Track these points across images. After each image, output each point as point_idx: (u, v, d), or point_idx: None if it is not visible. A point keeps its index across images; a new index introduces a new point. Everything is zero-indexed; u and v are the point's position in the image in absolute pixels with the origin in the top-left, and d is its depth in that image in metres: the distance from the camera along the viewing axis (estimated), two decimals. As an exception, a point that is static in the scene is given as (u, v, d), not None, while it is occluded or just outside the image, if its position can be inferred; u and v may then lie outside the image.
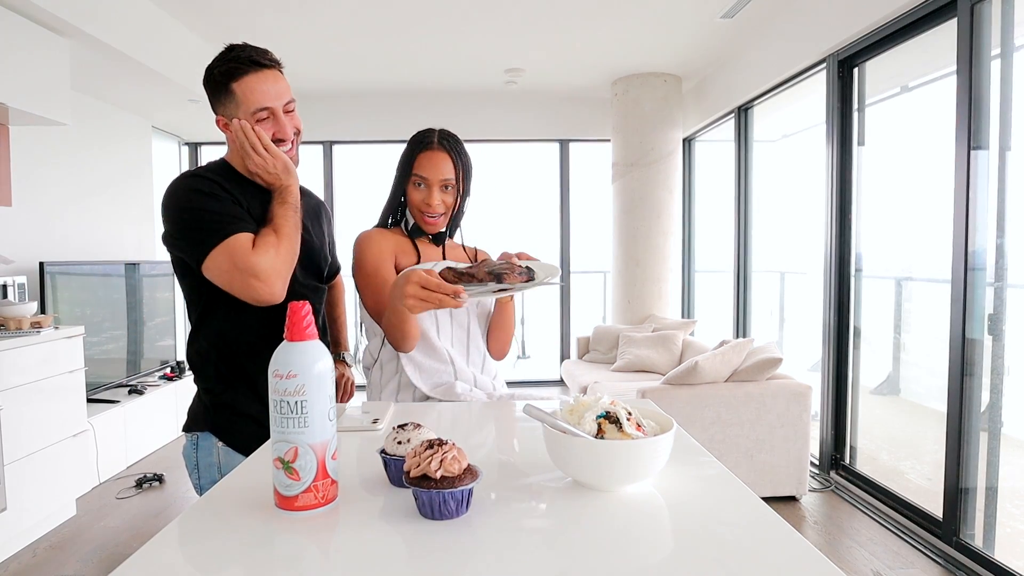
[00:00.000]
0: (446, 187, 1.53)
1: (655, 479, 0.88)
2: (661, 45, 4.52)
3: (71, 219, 4.13)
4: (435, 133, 1.55)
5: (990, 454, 2.60)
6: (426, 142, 1.53)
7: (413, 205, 1.56)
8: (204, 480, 1.38)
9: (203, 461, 1.37)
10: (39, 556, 2.82)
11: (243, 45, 1.37)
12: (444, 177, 1.52)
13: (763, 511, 0.77)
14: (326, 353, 0.79)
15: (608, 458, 0.82)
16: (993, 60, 2.53)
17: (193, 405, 1.44)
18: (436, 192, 1.52)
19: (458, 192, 1.56)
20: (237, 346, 1.39)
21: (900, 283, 3.41)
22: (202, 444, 1.38)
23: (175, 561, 0.69)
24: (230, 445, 1.36)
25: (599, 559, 0.66)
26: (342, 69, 4.98)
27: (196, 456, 1.38)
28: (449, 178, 1.52)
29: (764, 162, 4.67)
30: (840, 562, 2.64)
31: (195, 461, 1.38)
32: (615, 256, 5.44)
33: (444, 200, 1.54)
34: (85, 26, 3.00)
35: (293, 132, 1.41)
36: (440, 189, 1.53)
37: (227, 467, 1.35)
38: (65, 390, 3.11)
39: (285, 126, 1.39)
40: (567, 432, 0.84)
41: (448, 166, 1.52)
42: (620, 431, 0.85)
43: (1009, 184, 2.49)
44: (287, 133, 1.39)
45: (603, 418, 0.86)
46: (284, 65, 1.43)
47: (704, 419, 3.13)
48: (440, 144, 1.53)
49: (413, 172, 1.53)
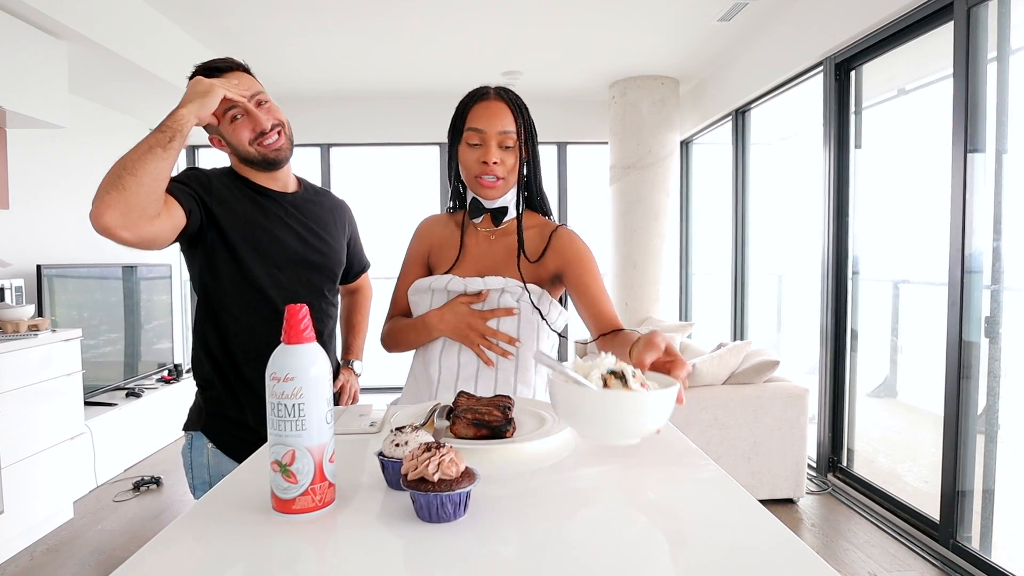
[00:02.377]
0: (506, 145, 1.29)
1: (655, 480, 0.88)
2: (659, 48, 4.53)
3: (68, 222, 4.12)
4: (490, 88, 1.34)
5: (987, 457, 2.60)
6: (480, 93, 1.32)
7: (468, 170, 1.32)
8: (196, 479, 1.41)
9: (196, 460, 1.41)
10: (36, 559, 2.81)
11: (216, 57, 1.41)
12: (503, 129, 1.29)
13: (760, 514, 0.77)
14: (323, 356, 0.79)
15: (616, 409, 0.83)
16: (989, 63, 2.54)
17: (192, 404, 1.47)
18: (494, 147, 1.28)
19: (521, 155, 1.32)
20: (228, 351, 1.40)
21: (897, 286, 3.41)
22: (195, 444, 1.41)
23: (172, 564, 0.69)
24: (219, 448, 1.39)
25: (597, 563, 0.66)
26: (339, 71, 4.98)
27: (191, 455, 1.41)
28: (509, 130, 1.29)
29: (761, 165, 4.68)
30: (837, 565, 2.64)
31: (189, 460, 1.42)
32: (612, 259, 5.45)
33: (503, 160, 1.30)
34: (82, 29, 3.00)
35: (273, 123, 1.41)
36: (499, 147, 1.29)
37: (215, 468, 1.38)
38: (62, 393, 3.10)
39: (260, 117, 1.38)
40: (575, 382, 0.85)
41: (508, 117, 1.29)
42: (626, 386, 0.85)
43: (1005, 187, 2.50)
44: (263, 123, 1.39)
45: (610, 373, 0.87)
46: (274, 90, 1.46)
47: (701, 421, 3.13)
48: (498, 95, 1.31)
49: (466, 126, 1.30)
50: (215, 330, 1.41)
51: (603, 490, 0.88)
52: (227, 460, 1.39)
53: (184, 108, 1.23)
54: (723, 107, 4.80)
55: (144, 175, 1.16)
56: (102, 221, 1.15)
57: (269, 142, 1.40)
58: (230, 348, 1.41)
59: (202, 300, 1.43)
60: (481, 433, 1.02)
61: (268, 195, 1.45)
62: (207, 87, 1.27)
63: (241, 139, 1.39)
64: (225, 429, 1.40)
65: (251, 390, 1.40)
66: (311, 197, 1.55)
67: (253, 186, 1.44)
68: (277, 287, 1.41)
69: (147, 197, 1.18)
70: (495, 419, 1.03)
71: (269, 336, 1.37)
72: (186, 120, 1.22)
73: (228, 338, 1.41)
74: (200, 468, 1.40)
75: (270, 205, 1.44)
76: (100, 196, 1.15)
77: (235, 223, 1.38)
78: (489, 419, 1.03)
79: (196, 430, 1.42)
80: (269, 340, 1.41)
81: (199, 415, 1.43)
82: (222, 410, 1.41)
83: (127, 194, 1.15)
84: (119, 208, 1.15)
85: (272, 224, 1.42)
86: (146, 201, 1.18)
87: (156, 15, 3.68)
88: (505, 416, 1.04)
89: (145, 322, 4.46)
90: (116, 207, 1.14)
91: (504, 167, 1.30)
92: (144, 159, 1.16)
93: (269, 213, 1.43)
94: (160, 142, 1.18)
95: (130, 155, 1.17)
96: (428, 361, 1.37)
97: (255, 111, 1.37)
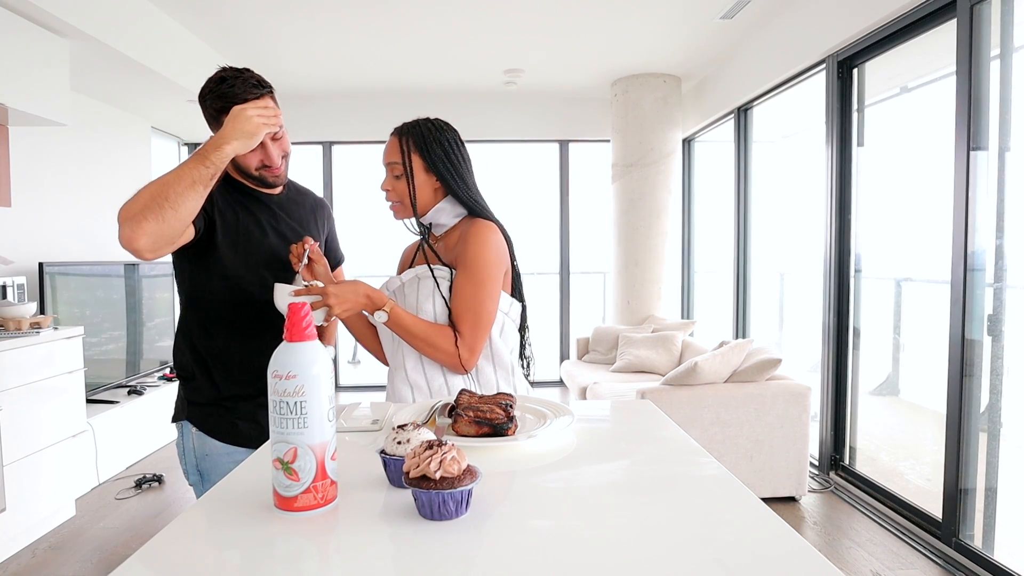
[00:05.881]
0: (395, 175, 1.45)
1: (657, 478, 0.88)
2: (661, 45, 4.52)
3: (70, 220, 4.13)
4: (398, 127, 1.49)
5: (989, 455, 2.60)
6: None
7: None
8: (187, 464, 1.52)
9: (185, 446, 1.51)
10: (38, 557, 2.81)
11: (235, 75, 1.39)
12: (389, 160, 1.45)
13: (762, 512, 0.77)
14: (325, 354, 0.79)
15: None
16: (992, 61, 2.53)
17: (176, 397, 1.58)
18: (386, 177, 1.47)
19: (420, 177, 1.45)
20: (199, 340, 1.50)
21: (899, 284, 3.41)
22: (184, 432, 1.52)
23: (174, 562, 0.69)
24: (202, 430, 1.49)
25: (598, 560, 0.66)
26: (341, 69, 4.98)
27: (182, 443, 1.52)
28: (395, 161, 1.44)
29: (764, 163, 4.67)
30: (839, 563, 2.64)
31: (182, 448, 1.53)
32: (615, 257, 5.44)
33: (394, 187, 1.45)
34: (84, 26, 3.00)
35: (280, 156, 1.47)
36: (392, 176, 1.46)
37: (201, 450, 1.49)
38: (64, 391, 3.10)
39: (272, 154, 1.44)
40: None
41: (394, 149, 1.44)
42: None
43: (1008, 185, 2.49)
44: (274, 160, 1.45)
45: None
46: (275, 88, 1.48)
47: (703, 420, 3.13)
48: (394, 131, 1.47)
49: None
50: (200, 327, 1.50)
51: (605, 488, 0.88)
52: (211, 441, 1.49)
53: (229, 146, 1.25)
54: (725, 105, 4.79)
55: (184, 209, 1.22)
56: (135, 245, 1.19)
57: (275, 172, 1.47)
58: (214, 343, 1.49)
59: (188, 297, 1.52)
60: (483, 431, 1.02)
61: (257, 198, 1.52)
62: (253, 128, 1.28)
63: (249, 163, 1.45)
64: (206, 413, 1.50)
65: (234, 383, 1.50)
66: (294, 196, 1.62)
67: (244, 189, 1.52)
68: (262, 286, 1.48)
69: (181, 227, 1.24)
70: (497, 417, 1.03)
71: (252, 332, 1.48)
72: (229, 157, 1.26)
73: (213, 334, 1.49)
74: (189, 452, 1.50)
75: (258, 209, 1.52)
76: (136, 220, 1.18)
77: (227, 229, 1.46)
78: (491, 417, 1.03)
79: (182, 419, 1.52)
80: (252, 336, 1.47)
81: (183, 405, 1.52)
82: (202, 398, 1.50)
83: (165, 226, 1.20)
84: (154, 235, 1.20)
85: (259, 228, 1.50)
86: (179, 230, 1.25)
87: (158, 12, 3.67)
88: (507, 414, 1.04)
89: (147, 320, 4.47)
90: (151, 235, 1.20)
91: (395, 193, 1.45)
92: (187, 194, 1.21)
93: (257, 217, 1.51)
94: (203, 179, 1.22)
95: (173, 186, 1.20)
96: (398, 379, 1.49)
97: (269, 146, 1.43)
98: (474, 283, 1.39)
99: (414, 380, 1.44)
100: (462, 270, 1.41)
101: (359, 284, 1.37)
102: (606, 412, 1.38)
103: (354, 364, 7.00)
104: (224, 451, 1.48)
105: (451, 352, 1.39)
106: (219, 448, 1.48)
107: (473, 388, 1.45)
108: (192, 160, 1.23)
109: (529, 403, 1.21)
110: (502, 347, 1.48)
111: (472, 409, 1.05)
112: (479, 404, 1.08)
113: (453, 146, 1.46)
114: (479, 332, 1.40)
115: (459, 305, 1.39)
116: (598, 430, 1.19)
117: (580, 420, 1.19)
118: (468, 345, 1.39)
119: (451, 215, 1.49)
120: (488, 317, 1.41)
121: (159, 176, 1.24)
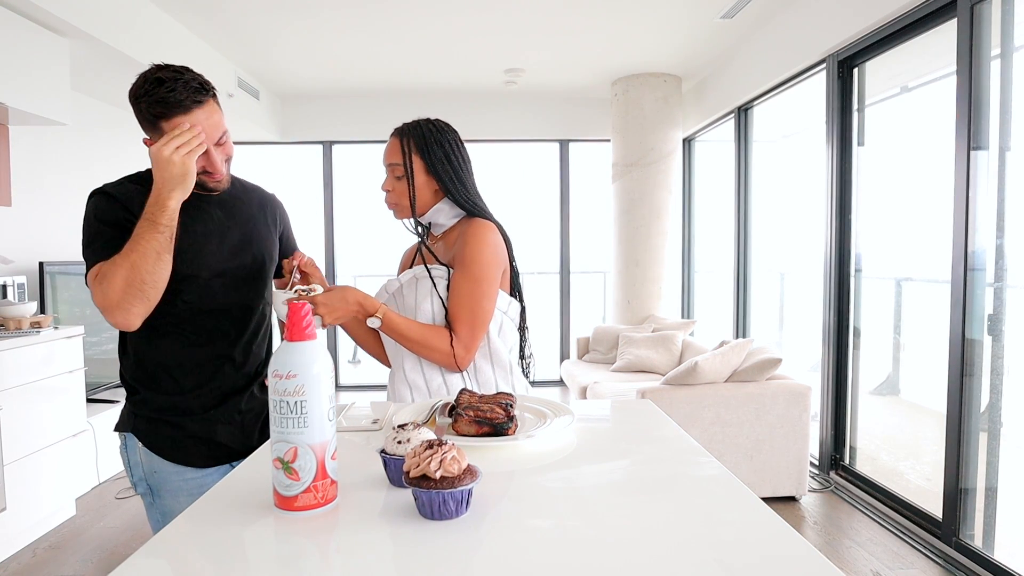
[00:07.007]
0: (396, 176, 1.47)
1: (657, 477, 0.88)
2: (661, 45, 4.52)
3: (71, 219, 4.13)
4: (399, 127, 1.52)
5: (989, 454, 2.60)
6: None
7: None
8: (135, 476, 1.45)
9: (132, 459, 1.44)
10: (39, 556, 2.82)
11: (175, 76, 1.29)
12: (389, 162, 1.47)
13: (763, 511, 0.77)
14: (325, 354, 0.79)
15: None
16: (993, 60, 2.53)
17: (123, 407, 1.50)
18: (387, 177, 1.49)
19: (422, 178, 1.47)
20: (143, 349, 1.42)
21: (900, 283, 3.41)
22: (129, 443, 1.45)
23: (174, 561, 0.69)
24: (148, 447, 1.42)
25: (599, 559, 0.66)
26: (342, 69, 4.98)
27: (127, 454, 1.45)
28: (395, 163, 1.46)
29: (764, 162, 4.67)
30: (840, 562, 2.64)
31: (127, 459, 1.45)
32: (615, 256, 5.44)
33: (394, 187, 1.48)
34: (84, 26, 3.00)
35: (223, 160, 1.38)
36: (393, 177, 1.48)
37: (147, 466, 1.42)
38: (65, 390, 3.10)
39: (216, 160, 1.34)
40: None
41: (395, 150, 1.47)
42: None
43: (1009, 184, 2.49)
44: (218, 167, 1.35)
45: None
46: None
47: (704, 419, 3.13)
48: (394, 132, 1.49)
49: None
50: (143, 336, 1.39)
51: (605, 487, 0.88)
52: (157, 459, 1.42)
53: (172, 200, 1.24)
54: (725, 104, 4.79)
55: (161, 279, 1.25)
56: (132, 326, 1.26)
57: (215, 178, 1.38)
58: (161, 355, 1.41)
59: None
60: (483, 430, 1.02)
61: (198, 200, 1.39)
62: (182, 169, 1.23)
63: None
64: (153, 430, 1.43)
65: (181, 394, 1.42)
66: (239, 195, 1.51)
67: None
68: (205, 290, 1.40)
69: (163, 290, 1.27)
70: (497, 417, 1.03)
71: (197, 341, 1.41)
72: (177, 209, 1.26)
73: (157, 344, 1.40)
74: (136, 466, 1.44)
75: (200, 212, 1.40)
76: (123, 308, 1.23)
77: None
78: (491, 416, 1.03)
79: (127, 431, 1.45)
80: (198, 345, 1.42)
81: (128, 417, 1.45)
82: (149, 412, 1.43)
83: (151, 300, 1.26)
84: (145, 311, 1.26)
85: (203, 231, 1.40)
86: (160, 294, 1.27)
87: (159, 12, 3.67)
88: (507, 414, 1.04)
89: (147, 319, 4.46)
90: (143, 313, 1.26)
91: (395, 194, 1.47)
92: (157, 266, 1.23)
93: (199, 220, 1.40)
94: (164, 245, 1.24)
95: (141, 266, 1.22)
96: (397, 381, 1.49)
97: (213, 153, 1.33)
98: (471, 281, 1.40)
99: (412, 380, 1.45)
100: (459, 269, 1.41)
101: (349, 291, 1.36)
102: (606, 412, 1.38)
103: (354, 364, 7.00)
104: (173, 470, 1.41)
105: (446, 351, 1.40)
106: (168, 467, 1.41)
107: (472, 387, 1.45)
108: (145, 230, 1.21)
109: (529, 402, 1.21)
110: (500, 346, 1.48)
111: (472, 408, 1.05)
112: (479, 404, 1.08)
113: (454, 148, 1.47)
114: (475, 330, 1.40)
115: (456, 303, 1.40)
116: (598, 430, 1.19)
117: (580, 420, 1.19)
118: (464, 343, 1.40)
119: (450, 215, 1.50)
120: (484, 315, 1.41)
121: (121, 254, 1.22)
